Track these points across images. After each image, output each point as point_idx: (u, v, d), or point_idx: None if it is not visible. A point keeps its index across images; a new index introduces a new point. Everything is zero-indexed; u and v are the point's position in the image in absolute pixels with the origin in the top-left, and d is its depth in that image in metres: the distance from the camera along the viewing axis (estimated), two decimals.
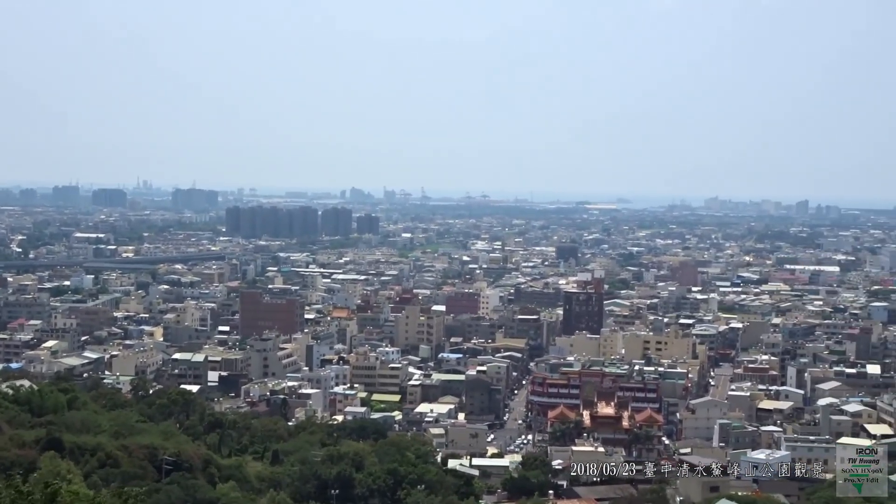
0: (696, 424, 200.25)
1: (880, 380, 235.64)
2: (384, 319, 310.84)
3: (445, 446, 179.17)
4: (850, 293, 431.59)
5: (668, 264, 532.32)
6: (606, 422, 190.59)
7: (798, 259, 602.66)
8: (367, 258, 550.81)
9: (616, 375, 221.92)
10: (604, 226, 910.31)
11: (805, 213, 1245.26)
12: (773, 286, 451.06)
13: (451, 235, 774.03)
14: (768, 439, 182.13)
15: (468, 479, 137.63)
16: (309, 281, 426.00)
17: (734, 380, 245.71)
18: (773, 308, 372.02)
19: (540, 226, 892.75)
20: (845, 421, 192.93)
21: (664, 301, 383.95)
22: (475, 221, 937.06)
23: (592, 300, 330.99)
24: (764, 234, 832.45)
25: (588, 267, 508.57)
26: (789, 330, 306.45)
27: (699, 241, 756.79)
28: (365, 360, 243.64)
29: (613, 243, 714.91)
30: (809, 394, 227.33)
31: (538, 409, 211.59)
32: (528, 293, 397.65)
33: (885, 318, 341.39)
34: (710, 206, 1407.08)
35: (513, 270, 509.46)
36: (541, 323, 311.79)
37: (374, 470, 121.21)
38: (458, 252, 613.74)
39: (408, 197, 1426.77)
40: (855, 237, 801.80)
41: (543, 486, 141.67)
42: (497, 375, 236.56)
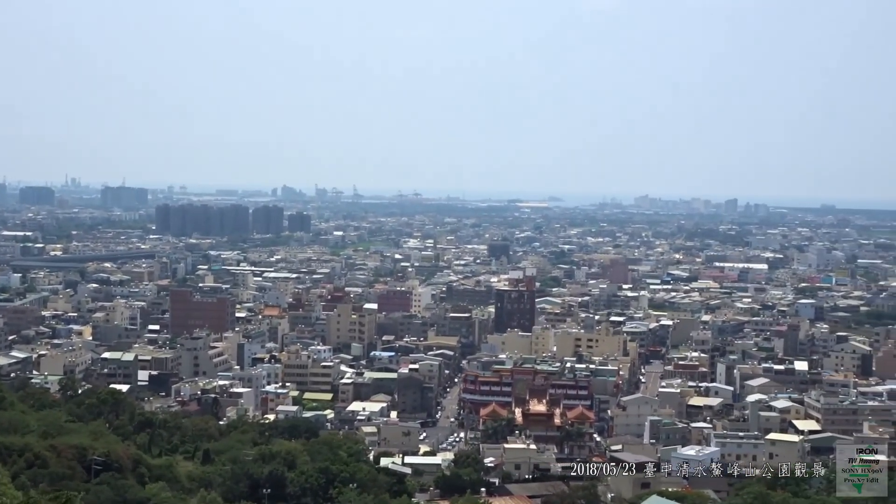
0: (627, 421, 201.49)
1: (808, 376, 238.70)
2: (316, 318, 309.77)
3: (378, 444, 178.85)
4: (778, 290, 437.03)
5: (599, 262, 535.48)
6: (538, 419, 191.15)
7: (727, 257, 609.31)
8: (298, 256, 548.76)
9: (548, 373, 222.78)
10: (535, 224, 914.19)
11: (734, 212, 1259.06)
12: (702, 284, 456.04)
13: (383, 233, 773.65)
14: (698, 436, 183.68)
15: (400, 478, 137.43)
16: (240, 279, 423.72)
17: (664, 377, 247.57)
18: (703, 305, 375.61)
19: (472, 224, 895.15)
20: (774, 417, 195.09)
21: (595, 299, 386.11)
22: (407, 219, 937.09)
23: (524, 298, 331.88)
24: (693, 232, 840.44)
25: (520, 265, 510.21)
26: (718, 327, 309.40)
27: (630, 239, 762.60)
28: (296, 359, 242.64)
29: (545, 241, 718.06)
30: (738, 390, 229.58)
31: (470, 406, 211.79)
32: (459, 291, 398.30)
33: (813, 315, 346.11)
34: (640, 204, 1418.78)
35: (445, 268, 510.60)
36: (473, 321, 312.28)
37: (305, 469, 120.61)
38: (390, 250, 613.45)
39: (340, 195, 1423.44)
40: (783, 235, 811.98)
41: (476, 483, 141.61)
42: (429, 373, 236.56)
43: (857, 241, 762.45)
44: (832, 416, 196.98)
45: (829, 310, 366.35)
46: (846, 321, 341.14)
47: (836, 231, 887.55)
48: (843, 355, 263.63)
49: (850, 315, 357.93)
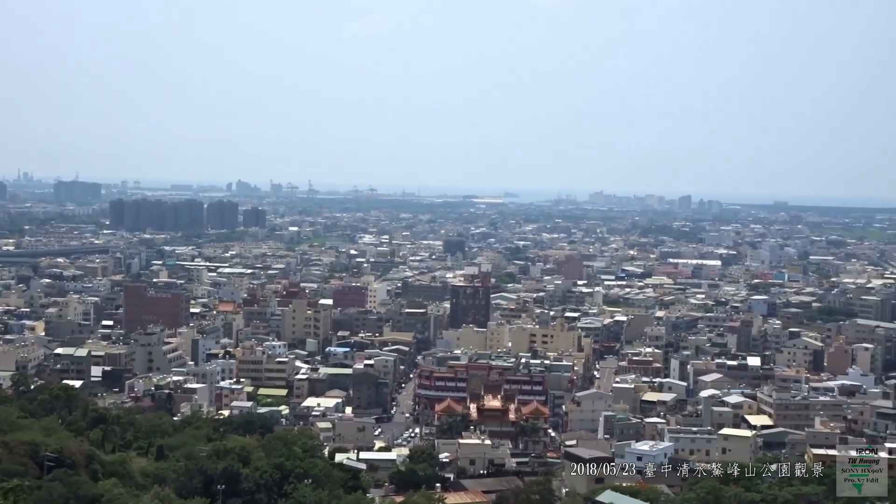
0: (581, 416, 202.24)
1: (760, 371, 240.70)
2: (271, 313, 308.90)
3: (332, 440, 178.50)
4: (731, 287, 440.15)
5: (554, 258, 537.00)
6: (493, 414, 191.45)
7: (681, 253, 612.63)
8: (253, 252, 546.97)
9: (502, 368, 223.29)
10: (491, 220, 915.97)
11: (688, 208, 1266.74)
12: (656, 280, 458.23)
13: (339, 229, 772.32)
14: (652, 431, 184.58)
15: (355, 473, 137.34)
16: (194, 274, 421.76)
17: (619, 372, 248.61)
18: (657, 301, 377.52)
19: (427, 220, 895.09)
20: (727, 412, 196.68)
21: (550, 294, 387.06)
22: (362, 215, 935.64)
23: (479, 294, 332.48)
24: (648, 228, 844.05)
25: (475, 261, 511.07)
26: (672, 323, 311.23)
27: (585, 235, 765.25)
28: (251, 355, 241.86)
29: (500, 237, 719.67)
30: (692, 385, 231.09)
31: (425, 402, 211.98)
32: (415, 287, 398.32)
33: (765, 311, 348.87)
34: (595, 200, 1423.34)
35: (400, 264, 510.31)
36: (428, 316, 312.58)
37: (260, 465, 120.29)
38: (346, 246, 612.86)
39: (295, 190, 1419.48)
40: (736, 232, 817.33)
41: (431, 479, 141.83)
42: (384, 369, 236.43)
43: (809, 238, 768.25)
44: (784, 411, 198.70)
45: (782, 306, 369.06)
46: (798, 317, 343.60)
47: (789, 228, 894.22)
48: (794, 351, 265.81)
49: (802, 311, 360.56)
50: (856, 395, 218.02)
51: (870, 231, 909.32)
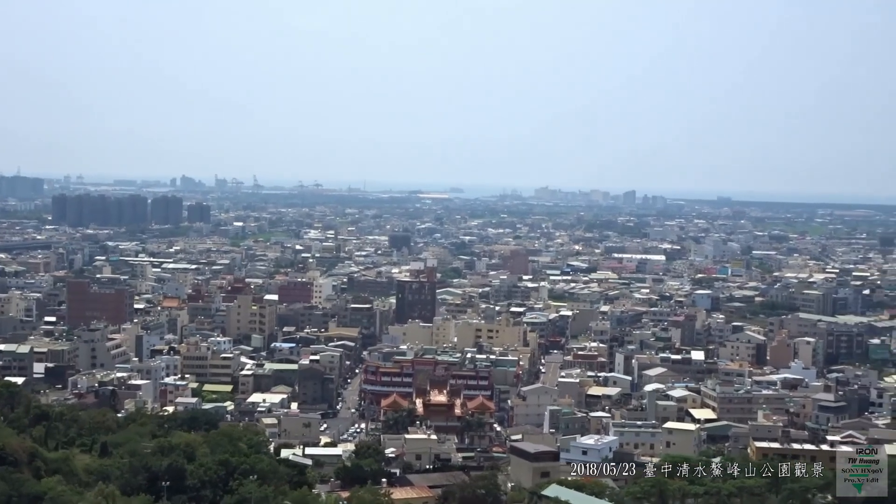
0: (527, 411, 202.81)
1: (704, 365, 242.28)
2: (216, 309, 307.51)
3: (278, 436, 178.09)
4: (675, 281, 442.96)
5: (500, 253, 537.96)
6: (439, 409, 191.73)
7: (625, 248, 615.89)
8: (198, 247, 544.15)
9: (448, 363, 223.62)
10: (436, 215, 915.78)
11: (632, 203, 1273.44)
12: (601, 274, 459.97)
13: (284, 224, 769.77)
14: (597, 425, 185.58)
15: (301, 469, 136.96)
16: (138, 270, 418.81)
17: (564, 367, 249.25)
18: (602, 296, 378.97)
19: (373, 215, 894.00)
20: (671, 406, 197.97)
21: (496, 289, 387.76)
22: (308, 210, 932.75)
23: (425, 289, 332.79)
24: (593, 223, 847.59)
25: (421, 256, 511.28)
26: (617, 317, 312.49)
27: (530, 230, 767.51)
28: (196, 351, 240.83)
29: (446, 232, 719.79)
30: (636, 380, 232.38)
31: (371, 397, 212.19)
32: (360, 282, 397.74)
33: (709, 305, 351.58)
34: (540, 195, 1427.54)
35: (346, 259, 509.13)
36: (374, 312, 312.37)
37: (205, 461, 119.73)
38: (291, 241, 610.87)
39: (239, 185, 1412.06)
40: (680, 227, 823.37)
41: (376, 474, 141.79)
42: (330, 364, 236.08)
43: (752, 233, 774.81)
44: (728, 404, 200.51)
45: (725, 300, 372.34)
46: (741, 311, 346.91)
47: (732, 223, 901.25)
48: (738, 345, 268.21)
49: (745, 305, 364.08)
50: (798, 388, 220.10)
51: (812, 226, 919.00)
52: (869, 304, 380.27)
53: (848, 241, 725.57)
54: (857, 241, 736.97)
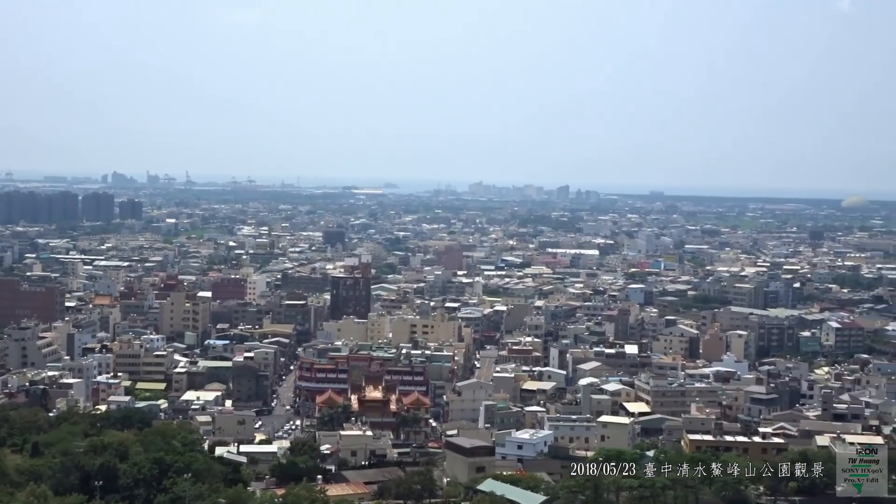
0: (462, 406, 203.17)
1: (638, 359, 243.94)
2: (148, 306, 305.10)
3: (212, 434, 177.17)
4: (608, 276, 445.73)
5: (434, 249, 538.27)
6: (374, 405, 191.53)
7: (559, 243, 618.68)
8: (130, 244, 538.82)
9: (383, 359, 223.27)
10: (371, 211, 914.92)
11: (566, 198, 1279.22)
12: (535, 270, 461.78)
13: (217, 221, 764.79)
14: (532, 419, 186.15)
15: (236, 467, 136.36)
16: (69, 268, 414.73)
17: (499, 361, 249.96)
18: (536, 291, 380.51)
19: (307, 211, 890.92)
20: (605, 400, 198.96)
21: (430, 285, 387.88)
22: (241, 206, 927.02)
23: (360, 285, 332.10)
24: (527, 218, 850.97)
25: (355, 252, 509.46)
26: (551, 312, 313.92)
27: (464, 225, 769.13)
28: (128, 348, 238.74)
29: (380, 228, 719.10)
30: (571, 374, 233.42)
31: (306, 394, 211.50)
32: (295, 278, 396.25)
33: (642, 299, 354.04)
34: (474, 191, 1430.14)
35: (280, 256, 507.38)
36: (308, 308, 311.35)
37: (139, 460, 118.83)
38: (224, 237, 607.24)
39: (172, 182, 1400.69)
40: (613, 221, 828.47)
41: (312, 471, 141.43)
42: (264, 361, 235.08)
43: (685, 227, 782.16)
44: (661, 398, 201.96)
45: (658, 294, 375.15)
46: (674, 305, 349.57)
47: (665, 217, 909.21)
48: (671, 338, 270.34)
49: (677, 299, 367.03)
50: (730, 381, 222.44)
51: (743, 220, 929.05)
52: (799, 297, 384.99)
53: (778, 235, 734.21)
54: (787, 234, 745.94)
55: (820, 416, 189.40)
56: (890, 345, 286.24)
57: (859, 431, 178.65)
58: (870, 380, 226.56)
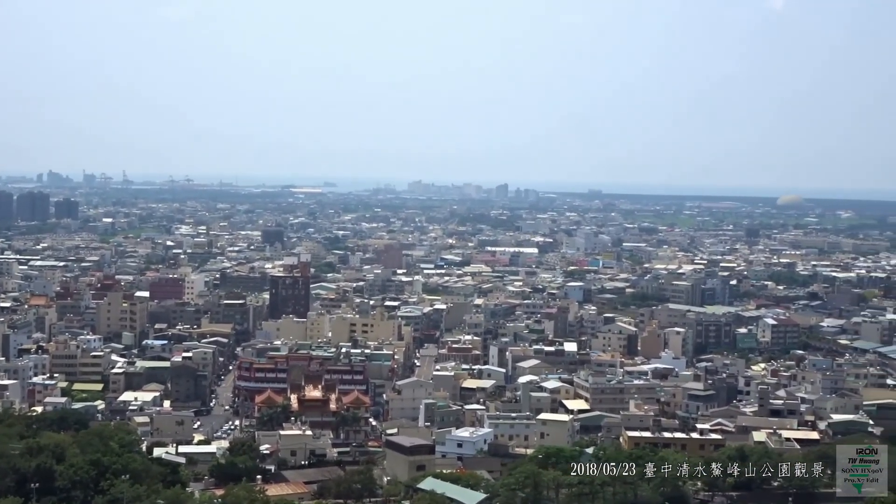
0: (402, 405, 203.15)
1: (577, 357, 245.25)
2: (85, 307, 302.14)
3: (151, 434, 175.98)
4: (547, 274, 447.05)
5: (374, 247, 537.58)
6: (314, 405, 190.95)
7: (498, 241, 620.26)
8: (66, 244, 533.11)
9: (323, 358, 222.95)
10: (310, 209, 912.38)
11: (505, 197, 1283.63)
12: (475, 268, 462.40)
13: (155, 220, 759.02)
14: (472, 417, 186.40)
15: (174, 467, 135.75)
16: (4, 268, 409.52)
17: (439, 360, 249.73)
18: (476, 289, 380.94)
19: (245, 210, 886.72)
20: (545, 397, 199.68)
21: (370, 284, 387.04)
22: (179, 205, 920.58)
23: (299, 284, 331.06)
24: (466, 216, 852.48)
25: (294, 251, 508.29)
26: (491, 310, 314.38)
27: (404, 224, 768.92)
28: (65, 349, 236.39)
29: (319, 227, 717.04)
30: (510, 372, 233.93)
31: (245, 394, 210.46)
32: (233, 278, 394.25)
33: (581, 297, 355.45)
34: (413, 189, 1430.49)
35: (218, 255, 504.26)
36: (247, 307, 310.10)
37: (75, 461, 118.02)
38: (162, 237, 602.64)
39: (109, 181, 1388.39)
40: (552, 220, 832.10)
41: (251, 471, 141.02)
42: (203, 361, 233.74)
43: (623, 225, 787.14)
44: (600, 395, 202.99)
45: (597, 292, 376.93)
46: (613, 303, 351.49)
47: (603, 215, 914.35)
48: (609, 336, 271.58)
49: (616, 297, 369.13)
50: (668, 377, 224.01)
51: (680, 218, 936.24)
52: (736, 294, 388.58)
53: (715, 233, 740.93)
54: (724, 232, 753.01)
55: (756, 412, 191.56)
56: (825, 341, 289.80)
57: (795, 427, 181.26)
58: (805, 376, 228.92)
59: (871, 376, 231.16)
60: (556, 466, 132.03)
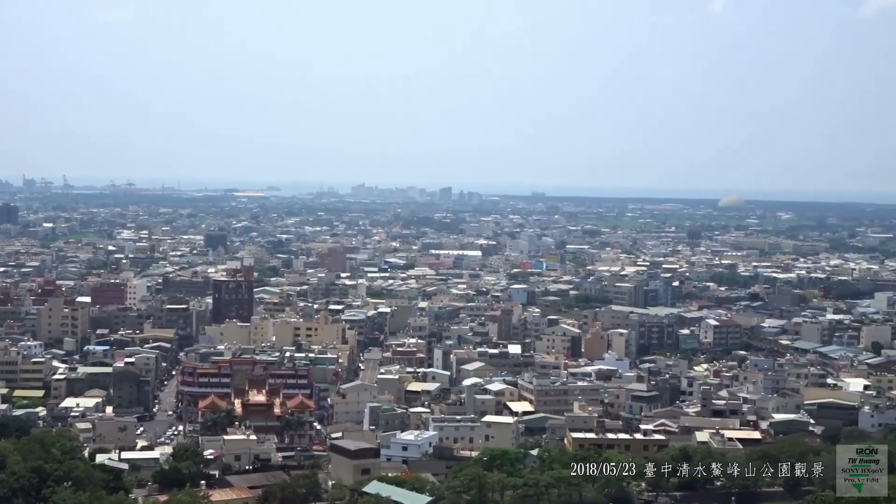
0: (346, 409, 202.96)
1: (521, 359, 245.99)
2: (25, 312, 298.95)
3: (93, 441, 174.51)
4: (491, 276, 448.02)
5: (317, 251, 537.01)
6: (258, 409, 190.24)
7: (442, 244, 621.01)
8: (6, 249, 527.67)
9: (267, 363, 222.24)
10: (253, 213, 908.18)
11: (448, 200, 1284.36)
12: (419, 271, 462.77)
13: (96, 225, 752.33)
14: (417, 420, 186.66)
15: (117, 474, 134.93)
16: None
17: (383, 363, 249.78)
18: (420, 292, 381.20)
19: (188, 214, 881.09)
20: (489, 400, 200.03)
21: (314, 287, 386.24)
22: (121, 210, 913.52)
23: (242, 288, 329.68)
24: (410, 220, 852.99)
25: (237, 255, 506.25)
26: (435, 313, 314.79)
27: (347, 227, 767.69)
28: (5, 356, 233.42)
29: (263, 231, 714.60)
30: (455, 374, 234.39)
31: (189, 399, 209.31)
32: (176, 282, 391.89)
33: (525, 299, 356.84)
34: (357, 193, 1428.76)
35: (160, 260, 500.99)
36: (190, 312, 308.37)
37: (17, 469, 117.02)
38: (103, 242, 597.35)
39: (49, 185, 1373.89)
40: (496, 222, 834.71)
41: (195, 476, 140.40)
42: (146, 367, 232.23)
43: (566, 228, 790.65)
44: (544, 397, 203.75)
45: (541, 294, 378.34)
46: (556, 305, 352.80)
47: (546, 218, 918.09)
48: (553, 338, 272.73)
49: (559, 299, 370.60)
50: (612, 379, 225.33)
51: (623, 220, 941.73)
52: (678, 295, 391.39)
53: (657, 235, 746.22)
54: (666, 234, 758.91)
55: (699, 413, 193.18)
56: (766, 341, 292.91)
57: (738, 426, 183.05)
58: (747, 376, 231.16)
59: (812, 376, 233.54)
60: (501, 468, 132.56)
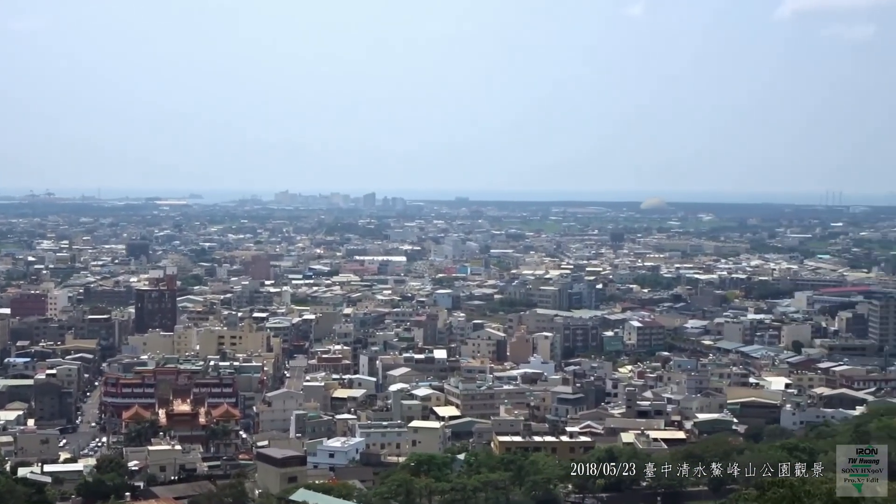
0: (272, 417, 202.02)
1: (447, 364, 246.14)
2: None
3: (15, 454, 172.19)
4: (416, 282, 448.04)
5: (241, 259, 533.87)
6: (183, 419, 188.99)
7: (367, 250, 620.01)
8: None
9: (191, 372, 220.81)
10: (175, 222, 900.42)
11: (372, 206, 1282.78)
12: (343, 277, 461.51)
13: (15, 235, 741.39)
14: (343, 427, 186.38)
15: (40, 487, 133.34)
16: None
17: (309, 370, 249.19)
18: (345, 298, 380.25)
19: (109, 223, 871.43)
20: (416, 405, 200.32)
21: (238, 295, 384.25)
22: (40, 220, 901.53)
23: (165, 297, 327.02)
24: (334, 226, 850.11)
25: (160, 264, 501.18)
26: (360, 319, 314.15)
27: (271, 234, 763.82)
28: None
29: (185, 239, 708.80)
30: (381, 380, 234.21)
31: (112, 410, 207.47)
32: (98, 292, 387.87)
33: (450, 304, 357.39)
34: (280, 200, 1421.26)
35: (82, 269, 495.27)
36: (112, 322, 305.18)
37: None
38: (23, 252, 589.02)
39: None
40: (420, 227, 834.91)
41: (120, 488, 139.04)
42: (68, 378, 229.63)
43: (490, 232, 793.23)
44: (471, 401, 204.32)
45: (465, 299, 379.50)
46: (481, 309, 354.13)
47: (470, 222, 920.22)
48: (479, 342, 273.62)
49: (484, 303, 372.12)
50: (537, 382, 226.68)
51: (546, 224, 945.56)
52: (602, 297, 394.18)
53: (581, 238, 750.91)
54: (589, 237, 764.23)
55: (625, 414, 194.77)
56: (689, 342, 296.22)
57: (662, 427, 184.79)
58: (671, 376, 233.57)
59: (734, 375, 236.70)
60: (429, 473, 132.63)
